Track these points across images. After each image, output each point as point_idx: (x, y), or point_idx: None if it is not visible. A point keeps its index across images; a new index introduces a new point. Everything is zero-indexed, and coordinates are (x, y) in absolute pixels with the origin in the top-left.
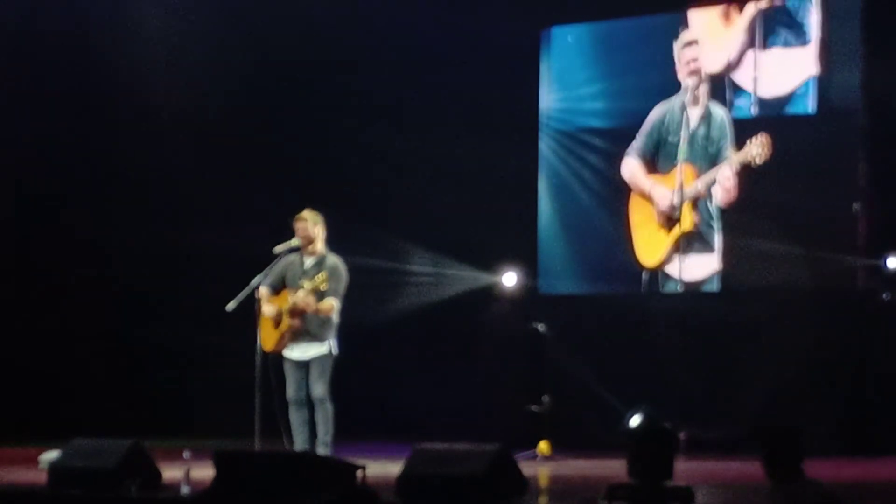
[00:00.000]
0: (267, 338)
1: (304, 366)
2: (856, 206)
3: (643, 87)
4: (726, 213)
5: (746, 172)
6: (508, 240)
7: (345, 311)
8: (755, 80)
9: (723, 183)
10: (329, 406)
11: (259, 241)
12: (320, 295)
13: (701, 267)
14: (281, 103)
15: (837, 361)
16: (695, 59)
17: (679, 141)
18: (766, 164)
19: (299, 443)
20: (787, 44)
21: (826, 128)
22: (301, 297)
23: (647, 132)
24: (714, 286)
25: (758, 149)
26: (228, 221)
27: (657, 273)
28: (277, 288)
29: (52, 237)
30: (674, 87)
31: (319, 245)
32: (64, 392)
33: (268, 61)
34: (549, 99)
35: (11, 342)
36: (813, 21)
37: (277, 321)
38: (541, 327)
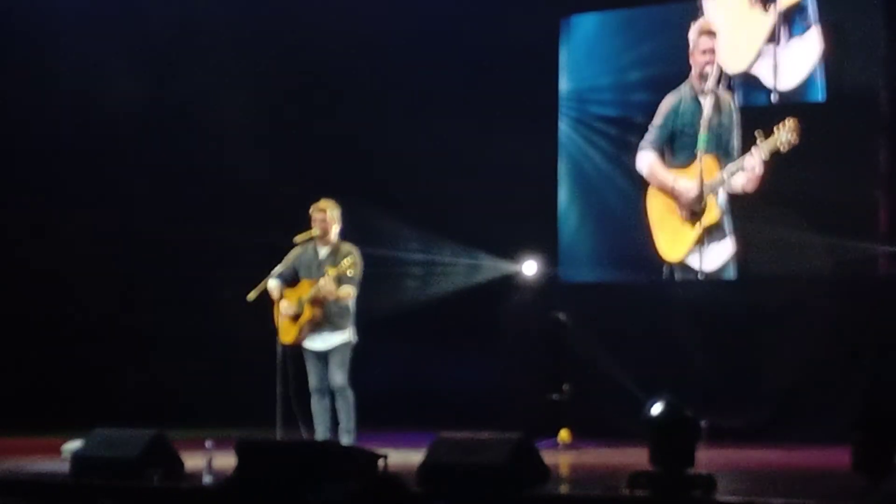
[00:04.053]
0: (285, 331)
1: (322, 356)
2: (877, 192)
3: (663, 75)
4: (739, 198)
5: (769, 159)
6: (529, 228)
7: (366, 300)
8: (769, 71)
9: (750, 172)
10: (350, 394)
11: (279, 232)
12: (339, 281)
13: (718, 255)
14: (301, 94)
15: (858, 348)
16: (712, 50)
17: (696, 132)
18: (790, 152)
19: (320, 432)
20: (800, 33)
21: (843, 113)
22: (324, 284)
23: (660, 124)
24: (730, 273)
25: (787, 134)
26: (248, 212)
27: (676, 266)
28: (289, 279)
29: (71, 227)
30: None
31: (334, 234)
32: (86, 382)
33: (288, 52)
34: (568, 87)
35: (35, 332)
36: (810, 6)
37: (297, 314)
38: (562, 316)
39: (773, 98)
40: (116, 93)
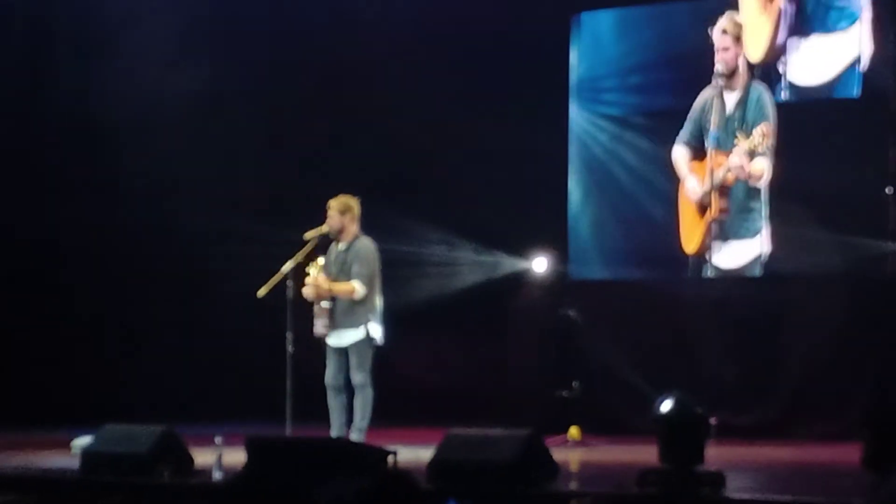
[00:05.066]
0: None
1: (342, 352)
2: (887, 190)
3: (677, 69)
4: (772, 197)
5: (784, 156)
6: (539, 225)
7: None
8: (792, 66)
9: (734, 170)
10: (369, 392)
11: (290, 227)
12: (346, 277)
13: (741, 253)
14: (310, 87)
15: (868, 347)
16: (726, 48)
17: (711, 130)
18: (805, 149)
19: (335, 428)
20: (827, 30)
21: (865, 112)
22: (311, 281)
23: (692, 119)
24: (756, 271)
25: (759, 138)
26: (259, 206)
27: (699, 260)
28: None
29: (81, 221)
30: (707, 71)
31: (351, 230)
32: (96, 377)
33: (294, 44)
34: (579, 84)
35: (44, 328)
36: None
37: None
38: (571, 313)
39: (791, 95)
40: (115, 86)
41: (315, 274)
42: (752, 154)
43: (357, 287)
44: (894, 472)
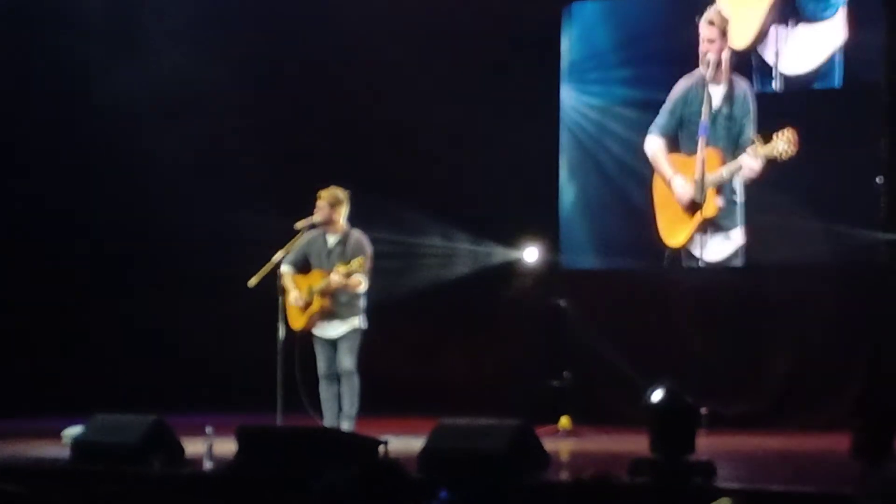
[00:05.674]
0: (294, 318)
1: (333, 342)
2: (878, 180)
3: (666, 60)
4: (750, 188)
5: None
6: (530, 215)
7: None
8: (777, 55)
9: (748, 175)
10: (356, 379)
11: (280, 217)
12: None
13: (725, 245)
14: (299, 78)
15: (858, 337)
16: (712, 40)
17: (700, 121)
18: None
19: (328, 418)
20: (812, 18)
21: (850, 101)
22: (336, 279)
23: (669, 109)
24: (738, 262)
25: (784, 145)
26: (249, 197)
27: (680, 252)
28: (300, 265)
29: (76, 213)
30: (693, 63)
31: (341, 222)
32: (86, 367)
33: (287, 35)
34: (569, 74)
35: (36, 317)
36: None
37: (307, 303)
38: (562, 302)
39: (776, 84)
40: (113, 82)
41: (343, 273)
42: (773, 160)
43: (363, 282)
44: (884, 462)
